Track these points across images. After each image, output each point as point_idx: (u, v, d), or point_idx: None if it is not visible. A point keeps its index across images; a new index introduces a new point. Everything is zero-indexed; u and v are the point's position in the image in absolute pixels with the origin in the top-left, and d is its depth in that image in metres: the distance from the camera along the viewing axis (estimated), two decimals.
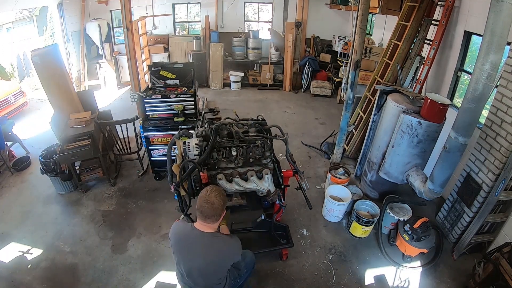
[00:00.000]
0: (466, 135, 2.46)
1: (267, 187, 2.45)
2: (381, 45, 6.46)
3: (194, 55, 7.84)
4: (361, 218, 3.26)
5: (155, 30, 8.02)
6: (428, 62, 4.08)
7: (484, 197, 2.92)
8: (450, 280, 2.95)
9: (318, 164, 4.82)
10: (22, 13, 7.90)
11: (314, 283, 2.91)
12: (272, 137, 2.62)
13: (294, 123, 6.28)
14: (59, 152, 3.53)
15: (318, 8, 8.12)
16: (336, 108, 7.05)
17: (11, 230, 3.37)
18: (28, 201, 3.81)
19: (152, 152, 3.97)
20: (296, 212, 3.72)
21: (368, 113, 4.46)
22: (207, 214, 1.86)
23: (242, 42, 8.12)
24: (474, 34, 3.64)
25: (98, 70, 7.77)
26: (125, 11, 4.43)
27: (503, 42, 2.07)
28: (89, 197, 3.92)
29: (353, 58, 3.94)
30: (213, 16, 8.17)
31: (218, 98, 7.35)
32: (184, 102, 3.83)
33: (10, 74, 7.47)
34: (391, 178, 3.46)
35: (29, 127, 5.73)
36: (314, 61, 7.90)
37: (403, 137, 3.17)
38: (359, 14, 3.68)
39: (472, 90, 2.25)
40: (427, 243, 3.01)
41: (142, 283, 2.83)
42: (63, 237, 3.29)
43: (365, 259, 3.17)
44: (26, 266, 2.95)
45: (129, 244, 3.23)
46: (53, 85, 3.92)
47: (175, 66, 4.00)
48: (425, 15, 4.09)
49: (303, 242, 3.33)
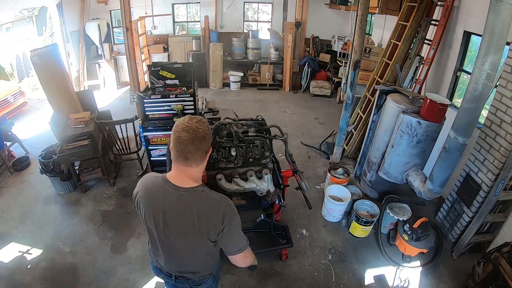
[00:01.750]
0: (466, 135, 2.46)
1: (267, 187, 2.45)
2: (380, 45, 6.46)
3: (193, 55, 7.83)
4: (360, 218, 3.26)
5: (155, 30, 8.02)
6: (428, 62, 4.08)
7: (484, 197, 2.92)
8: (450, 280, 2.95)
9: (318, 164, 4.82)
10: (21, 13, 7.90)
11: (314, 283, 2.91)
12: (271, 137, 2.62)
13: (294, 123, 6.29)
14: (59, 152, 3.52)
15: (318, 8, 8.12)
16: (335, 108, 7.05)
17: (10, 230, 3.36)
18: (27, 201, 3.80)
19: (151, 152, 3.97)
20: (295, 212, 3.72)
21: (368, 113, 4.46)
22: (188, 151, 1.28)
23: (241, 42, 8.11)
24: (473, 34, 3.64)
25: (97, 70, 7.77)
26: (124, 11, 4.44)
27: (503, 42, 2.07)
28: (88, 197, 3.91)
29: (352, 58, 3.94)
30: (212, 16, 8.17)
31: (217, 98, 7.35)
32: (184, 102, 3.83)
33: (10, 74, 7.46)
34: (391, 178, 3.46)
35: (28, 127, 5.72)
36: (314, 61, 7.90)
37: (402, 137, 3.17)
38: (359, 14, 3.68)
39: (472, 90, 2.26)
40: (427, 243, 3.02)
41: (141, 283, 2.83)
42: (63, 237, 3.29)
43: (365, 259, 3.17)
44: (26, 266, 2.95)
45: (129, 244, 3.23)
46: (53, 85, 3.92)
47: (175, 66, 4.00)
48: (425, 15, 4.10)
49: (303, 242, 3.33)
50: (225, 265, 2.95)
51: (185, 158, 1.31)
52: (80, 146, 3.62)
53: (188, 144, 1.27)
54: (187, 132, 1.26)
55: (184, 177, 1.38)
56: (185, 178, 1.38)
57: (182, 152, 1.29)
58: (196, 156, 1.32)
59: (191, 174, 1.38)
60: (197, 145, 1.29)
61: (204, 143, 1.32)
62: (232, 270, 2.94)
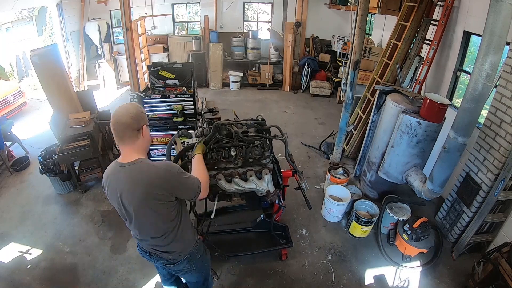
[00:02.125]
0: (466, 135, 2.46)
1: (267, 187, 2.45)
2: (380, 45, 6.46)
3: (193, 55, 7.84)
4: (360, 218, 3.26)
5: (155, 30, 8.03)
6: (428, 62, 4.08)
7: (484, 197, 2.92)
8: (450, 280, 2.95)
9: (318, 164, 4.82)
10: (21, 13, 7.90)
11: (314, 283, 2.91)
12: (271, 137, 2.62)
13: (294, 123, 6.29)
14: (59, 152, 3.53)
15: (318, 8, 8.12)
16: (335, 108, 7.06)
17: (10, 230, 3.36)
18: (27, 201, 3.80)
19: (151, 152, 3.96)
20: (295, 212, 3.73)
21: (368, 113, 4.46)
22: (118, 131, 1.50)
23: (241, 42, 8.12)
24: (473, 34, 3.64)
25: (97, 70, 7.77)
26: (124, 11, 4.44)
27: (503, 42, 2.07)
28: (88, 197, 3.91)
29: (352, 58, 3.94)
30: (212, 16, 8.17)
31: (217, 98, 7.35)
32: (184, 102, 3.83)
33: (10, 74, 7.47)
34: (391, 178, 3.46)
35: (28, 127, 5.73)
36: (314, 61, 7.90)
37: (402, 137, 3.17)
38: (359, 14, 3.68)
39: (471, 90, 2.26)
40: (427, 243, 3.02)
41: (141, 283, 2.83)
42: (63, 237, 3.29)
43: (365, 259, 3.17)
44: (26, 266, 2.95)
45: (129, 244, 3.22)
46: (53, 85, 3.92)
47: (175, 66, 3.99)
48: (425, 15, 4.10)
49: (303, 242, 3.33)
50: (225, 265, 2.96)
51: (120, 138, 1.52)
52: (80, 146, 3.62)
53: (117, 126, 1.49)
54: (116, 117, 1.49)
55: (127, 154, 1.56)
56: (128, 154, 1.56)
57: (116, 133, 1.51)
58: (128, 134, 1.51)
59: (131, 150, 1.56)
60: (124, 125, 1.49)
61: (131, 123, 1.50)
62: (232, 270, 2.95)
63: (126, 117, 1.50)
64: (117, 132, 1.51)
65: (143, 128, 1.56)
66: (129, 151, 1.55)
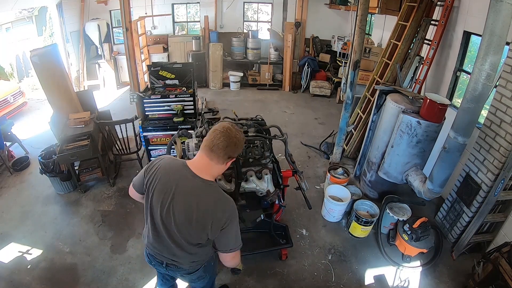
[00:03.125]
0: (466, 135, 2.46)
1: (267, 187, 2.45)
2: (380, 45, 6.46)
3: (193, 55, 7.83)
4: (360, 218, 3.26)
5: (155, 30, 8.02)
6: (428, 62, 4.08)
7: (484, 197, 2.92)
8: (450, 280, 2.96)
9: (318, 164, 4.82)
10: (21, 13, 7.89)
11: (314, 283, 2.91)
12: (271, 137, 2.62)
13: (294, 123, 6.29)
14: (58, 152, 3.52)
15: (318, 8, 8.11)
16: (335, 108, 7.06)
17: (10, 231, 3.36)
18: (27, 201, 3.80)
19: (151, 152, 3.97)
20: (295, 212, 3.72)
21: (368, 113, 4.46)
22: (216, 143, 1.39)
23: (241, 42, 8.11)
24: (473, 34, 3.64)
25: (97, 70, 7.76)
26: (124, 11, 4.43)
27: (503, 42, 2.07)
28: (88, 197, 3.91)
29: (352, 58, 3.94)
30: (212, 16, 8.17)
31: (217, 98, 7.35)
32: (184, 102, 3.83)
33: (9, 74, 7.46)
34: (391, 178, 3.46)
35: (28, 127, 5.72)
36: (314, 61, 7.90)
37: (402, 137, 3.17)
38: (359, 14, 3.68)
39: (471, 90, 2.25)
40: (427, 243, 3.02)
41: (141, 283, 2.82)
42: (63, 237, 3.29)
43: (365, 259, 3.17)
44: (26, 266, 2.94)
45: (129, 244, 3.22)
46: (53, 85, 3.92)
47: (175, 66, 4.00)
48: (425, 15, 4.10)
49: (303, 242, 3.33)
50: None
51: (211, 149, 1.40)
52: (80, 146, 3.62)
53: (220, 137, 1.39)
54: (224, 130, 1.40)
55: (203, 168, 1.46)
56: (203, 168, 1.46)
57: (211, 142, 1.40)
58: (220, 152, 1.40)
59: (209, 168, 1.46)
60: (227, 141, 1.39)
61: (233, 147, 1.42)
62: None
63: (241, 142, 1.46)
64: (216, 139, 1.39)
65: (231, 159, 1.49)
66: (207, 166, 1.45)
